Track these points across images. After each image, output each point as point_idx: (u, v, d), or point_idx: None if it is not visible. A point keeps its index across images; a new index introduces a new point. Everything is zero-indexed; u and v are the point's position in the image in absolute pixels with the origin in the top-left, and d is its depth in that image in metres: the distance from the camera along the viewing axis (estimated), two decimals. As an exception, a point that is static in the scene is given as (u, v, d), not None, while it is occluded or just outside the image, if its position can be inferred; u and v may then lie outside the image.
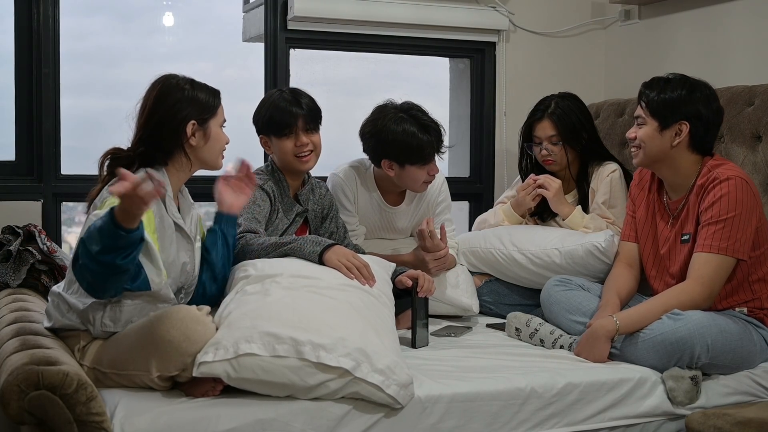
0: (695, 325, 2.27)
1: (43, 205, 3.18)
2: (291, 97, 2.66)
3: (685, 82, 2.50)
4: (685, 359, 2.27)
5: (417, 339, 2.50)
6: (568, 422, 2.19)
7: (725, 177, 2.41)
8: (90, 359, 2.03)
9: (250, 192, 2.40)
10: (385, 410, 2.00)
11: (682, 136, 2.47)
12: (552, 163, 3.09)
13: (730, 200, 2.38)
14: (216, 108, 2.22)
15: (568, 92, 3.17)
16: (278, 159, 2.70)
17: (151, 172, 2.06)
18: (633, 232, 2.69)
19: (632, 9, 3.82)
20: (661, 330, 2.30)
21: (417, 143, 2.70)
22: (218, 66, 3.85)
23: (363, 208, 2.96)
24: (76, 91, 3.34)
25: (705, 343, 2.26)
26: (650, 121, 2.50)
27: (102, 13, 3.68)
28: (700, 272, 2.38)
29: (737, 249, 2.37)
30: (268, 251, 2.38)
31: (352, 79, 2.74)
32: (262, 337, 1.94)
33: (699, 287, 2.37)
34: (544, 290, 2.76)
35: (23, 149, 3.21)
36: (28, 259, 2.75)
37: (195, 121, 2.17)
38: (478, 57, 3.87)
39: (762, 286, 2.47)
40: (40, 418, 1.73)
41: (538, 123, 3.09)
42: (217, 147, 2.24)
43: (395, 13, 3.59)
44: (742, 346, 2.35)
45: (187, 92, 2.17)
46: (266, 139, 2.71)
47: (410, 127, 2.70)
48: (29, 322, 2.19)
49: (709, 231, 2.39)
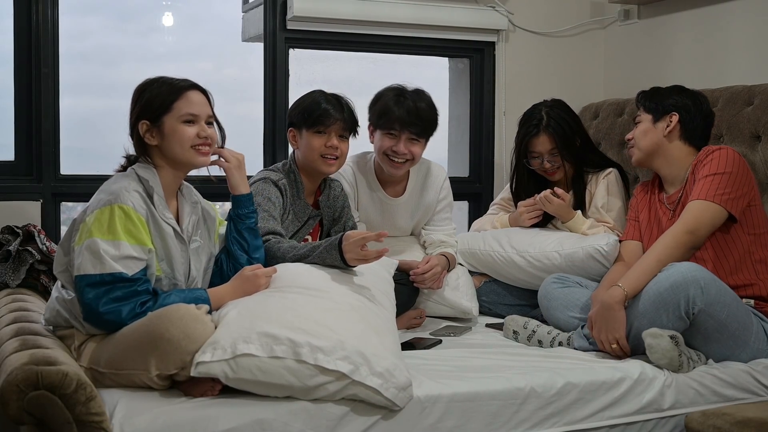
0: (687, 269, 2.33)
1: (43, 205, 3.17)
2: (335, 99, 2.69)
3: (681, 88, 2.73)
4: (682, 306, 2.29)
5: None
6: (567, 421, 2.19)
7: (717, 148, 2.57)
8: (86, 359, 2.03)
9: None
10: (384, 411, 2.00)
11: (672, 125, 2.65)
12: (555, 174, 3.10)
13: (723, 159, 2.51)
14: (170, 103, 2.15)
15: (554, 99, 3.15)
16: (302, 155, 2.69)
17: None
18: (637, 232, 2.74)
19: (631, 9, 3.82)
20: (655, 281, 2.35)
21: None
22: (217, 66, 3.85)
23: (363, 202, 2.97)
24: (75, 91, 3.34)
25: (698, 285, 2.29)
26: (644, 116, 2.72)
27: (100, 13, 3.68)
28: (689, 217, 2.48)
29: (728, 202, 2.46)
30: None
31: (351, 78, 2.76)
32: (260, 338, 1.94)
33: (686, 235, 2.46)
34: (542, 288, 2.77)
35: (22, 149, 3.21)
36: (28, 259, 2.75)
37: (146, 120, 2.16)
38: (478, 57, 3.87)
39: (764, 268, 2.53)
40: (40, 418, 1.73)
41: (535, 138, 3.06)
42: (177, 146, 2.16)
43: (394, 12, 3.59)
44: (738, 308, 2.37)
45: (143, 93, 2.18)
46: (296, 132, 2.71)
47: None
48: (28, 322, 2.19)
49: (702, 183, 2.50)
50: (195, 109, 2.18)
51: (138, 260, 2.04)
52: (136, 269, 2.03)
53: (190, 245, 2.22)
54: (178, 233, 2.17)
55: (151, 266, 2.08)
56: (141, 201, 2.08)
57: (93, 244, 2.01)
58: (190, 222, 2.24)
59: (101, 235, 2.01)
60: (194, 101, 2.19)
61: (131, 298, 2.01)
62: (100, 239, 2.01)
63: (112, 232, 2.01)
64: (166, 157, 2.18)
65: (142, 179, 2.13)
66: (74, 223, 2.11)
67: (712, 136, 3.09)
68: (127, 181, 2.10)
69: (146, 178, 2.13)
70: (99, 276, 2.00)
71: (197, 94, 2.20)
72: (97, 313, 2.01)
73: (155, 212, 2.11)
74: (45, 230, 2.95)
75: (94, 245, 2.01)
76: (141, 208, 2.07)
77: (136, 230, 2.04)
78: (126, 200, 2.04)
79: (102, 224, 2.02)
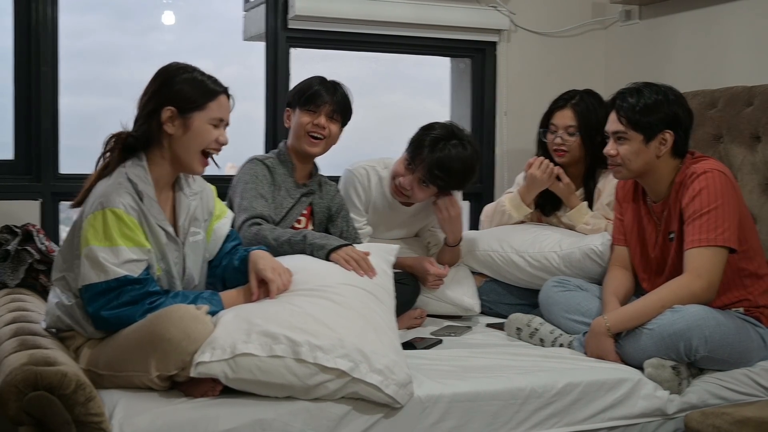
0: (693, 317, 2.26)
1: (42, 204, 3.16)
2: (331, 85, 2.72)
3: (657, 88, 2.48)
4: (683, 352, 2.26)
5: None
6: (567, 422, 2.18)
7: (702, 171, 2.41)
8: (85, 361, 2.01)
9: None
10: (385, 410, 1.99)
11: (667, 146, 2.45)
12: (563, 155, 3.06)
13: (710, 192, 2.37)
14: (205, 102, 2.10)
15: (593, 90, 3.14)
16: (292, 132, 2.73)
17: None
18: (622, 236, 2.68)
19: (633, 9, 3.81)
20: (659, 323, 2.29)
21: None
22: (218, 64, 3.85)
23: (374, 205, 2.95)
24: (74, 90, 3.33)
25: (703, 335, 2.25)
26: (633, 135, 2.45)
27: (100, 11, 3.67)
28: (694, 265, 2.35)
29: (727, 238, 2.36)
30: (284, 250, 2.39)
31: (352, 78, 2.76)
32: (259, 337, 1.93)
33: (697, 280, 2.34)
34: (543, 291, 2.76)
35: (21, 148, 3.20)
36: (26, 258, 2.74)
37: (174, 107, 2.09)
38: (479, 56, 3.87)
39: (754, 281, 2.46)
40: (39, 418, 1.72)
41: (559, 111, 3.06)
42: (195, 144, 2.11)
43: (396, 12, 3.59)
44: (740, 341, 2.35)
45: (173, 78, 2.12)
46: (291, 111, 2.75)
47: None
48: (27, 322, 2.18)
49: (695, 226, 2.37)
50: (223, 114, 2.16)
51: (139, 262, 2.02)
52: (139, 271, 2.01)
53: (187, 239, 2.18)
54: (170, 235, 2.12)
55: (152, 265, 2.06)
56: (132, 201, 2.03)
57: (91, 252, 1.98)
58: (187, 217, 2.19)
59: (98, 242, 1.98)
60: (225, 106, 2.16)
61: (141, 301, 1.99)
62: (97, 246, 1.98)
63: (108, 238, 1.98)
64: (174, 151, 2.12)
65: (133, 182, 2.06)
66: (74, 227, 2.08)
67: (712, 137, 3.10)
68: (117, 184, 2.04)
69: (136, 181, 2.06)
70: (105, 284, 1.98)
71: (227, 100, 2.18)
72: (107, 321, 1.99)
73: (147, 214, 2.06)
74: (44, 230, 2.94)
75: (92, 253, 1.98)
76: (133, 210, 2.02)
77: (132, 233, 2.00)
78: (117, 203, 1.99)
79: (97, 231, 1.98)
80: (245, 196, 2.57)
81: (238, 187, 2.62)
